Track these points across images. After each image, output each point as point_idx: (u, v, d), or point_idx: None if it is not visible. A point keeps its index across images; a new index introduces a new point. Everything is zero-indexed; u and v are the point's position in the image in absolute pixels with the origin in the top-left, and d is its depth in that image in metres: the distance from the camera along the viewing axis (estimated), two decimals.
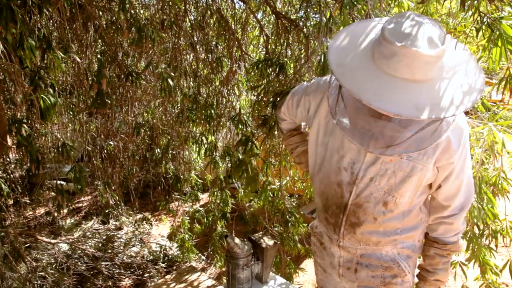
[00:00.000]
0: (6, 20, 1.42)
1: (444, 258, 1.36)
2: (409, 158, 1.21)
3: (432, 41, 0.98)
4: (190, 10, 2.84)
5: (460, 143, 1.20)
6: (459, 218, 1.31)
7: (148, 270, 3.62)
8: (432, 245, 1.38)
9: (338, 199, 1.34)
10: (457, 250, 1.36)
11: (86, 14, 2.13)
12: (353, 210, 1.31)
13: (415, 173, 1.22)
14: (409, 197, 1.27)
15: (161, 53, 2.80)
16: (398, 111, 0.95)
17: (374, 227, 1.32)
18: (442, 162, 1.21)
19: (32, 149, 1.79)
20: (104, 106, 1.86)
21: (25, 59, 1.55)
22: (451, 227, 1.34)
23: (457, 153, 1.19)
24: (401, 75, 0.99)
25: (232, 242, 2.08)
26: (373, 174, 1.26)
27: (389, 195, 1.26)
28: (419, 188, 1.27)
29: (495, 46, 1.35)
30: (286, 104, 1.58)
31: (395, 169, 1.23)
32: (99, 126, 3.40)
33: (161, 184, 3.96)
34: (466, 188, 1.30)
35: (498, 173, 1.88)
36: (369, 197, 1.28)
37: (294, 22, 2.29)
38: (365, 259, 1.38)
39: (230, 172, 2.74)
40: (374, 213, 1.29)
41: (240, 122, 2.50)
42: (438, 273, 1.37)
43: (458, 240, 1.36)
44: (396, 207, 1.28)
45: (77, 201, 5.28)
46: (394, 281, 1.38)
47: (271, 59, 2.24)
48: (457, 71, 1.05)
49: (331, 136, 1.35)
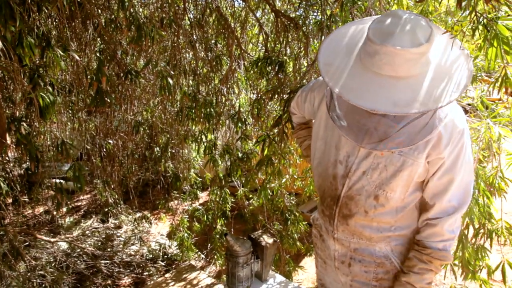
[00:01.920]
0: (5, 18, 1.42)
1: (421, 264, 1.27)
2: (400, 153, 1.23)
3: (415, 38, 1.00)
4: (190, 8, 2.83)
5: (451, 139, 1.19)
6: (445, 222, 1.24)
7: (147, 269, 3.62)
8: (413, 247, 1.32)
9: (333, 191, 1.38)
10: (442, 260, 1.26)
11: (85, 12, 2.13)
12: (345, 202, 1.34)
13: (406, 167, 1.23)
14: (400, 192, 1.28)
15: (161, 51, 2.80)
16: (374, 107, 0.99)
17: (366, 221, 1.33)
18: (432, 157, 1.22)
19: (31, 147, 1.79)
20: (103, 105, 1.86)
21: (24, 57, 1.55)
22: (435, 231, 1.26)
23: (447, 148, 1.19)
24: (385, 72, 1.03)
25: (232, 240, 2.08)
26: (365, 168, 1.29)
27: (380, 188, 1.28)
28: (410, 184, 1.27)
29: (491, 46, 1.35)
30: (296, 100, 1.66)
31: (386, 163, 1.26)
32: (98, 124, 3.40)
33: (160, 183, 3.96)
34: (458, 192, 1.25)
35: (495, 172, 1.89)
36: (361, 190, 1.31)
37: (293, 20, 2.29)
38: (358, 254, 1.40)
39: (229, 170, 2.74)
40: (365, 206, 1.31)
41: (240, 121, 2.51)
42: (410, 276, 1.29)
43: (444, 249, 1.26)
44: (387, 202, 1.29)
45: (76, 200, 5.27)
46: (386, 277, 1.38)
47: (270, 57, 2.24)
48: (445, 66, 1.07)
49: (331, 131, 1.40)
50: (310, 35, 2.24)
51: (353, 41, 1.16)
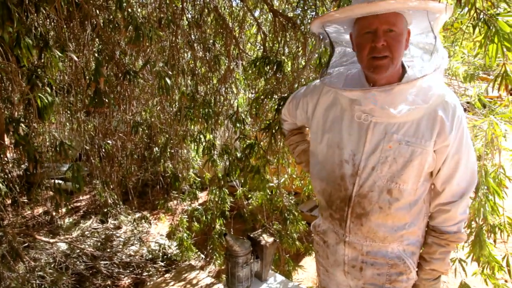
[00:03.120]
0: (3, 19, 1.42)
1: (441, 248, 1.34)
2: (407, 143, 1.25)
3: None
4: (188, 8, 2.83)
5: (453, 125, 1.23)
6: (458, 206, 1.29)
7: (147, 269, 3.62)
8: (430, 234, 1.37)
9: (342, 192, 1.36)
10: (458, 241, 1.33)
11: (83, 12, 2.13)
12: (358, 201, 1.33)
13: (415, 157, 1.25)
14: (413, 183, 1.28)
15: (159, 52, 2.79)
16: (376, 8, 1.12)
17: (382, 218, 1.32)
18: (438, 145, 1.25)
19: (30, 148, 1.79)
20: (102, 105, 1.86)
21: (22, 58, 1.54)
22: (449, 216, 1.31)
23: (451, 134, 1.23)
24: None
25: (231, 240, 2.08)
26: (374, 163, 1.29)
27: (392, 182, 1.28)
28: (421, 174, 1.28)
29: (492, 43, 1.35)
30: (287, 107, 1.67)
31: (395, 155, 1.26)
32: (97, 125, 3.39)
33: (159, 183, 3.96)
34: (465, 174, 1.29)
35: (497, 168, 1.89)
36: (373, 186, 1.30)
37: (291, 20, 2.29)
38: (370, 257, 1.38)
39: (228, 170, 2.74)
40: (379, 202, 1.30)
41: (238, 120, 2.51)
42: (433, 263, 1.36)
43: (458, 230, 1.33)
44: (401, 195, 1.29)
45: (76, 200, 5.27)
46: (399, 279, 1.38)
47: (268, 57, 2.24)
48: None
49: (330, 133, 1.40)
50: (308, 35, 2.24)
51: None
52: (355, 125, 1.32)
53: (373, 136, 1.29)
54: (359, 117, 1.30)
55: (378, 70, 1.21)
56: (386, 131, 1.27)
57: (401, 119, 1.25)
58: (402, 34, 1.19)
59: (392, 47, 1.17)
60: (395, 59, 1.19)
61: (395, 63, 1.21)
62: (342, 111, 1.38)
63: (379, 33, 1.17)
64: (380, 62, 1.19)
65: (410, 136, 1.25)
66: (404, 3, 1.11)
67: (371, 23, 1.18)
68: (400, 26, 1.18)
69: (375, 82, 1.28)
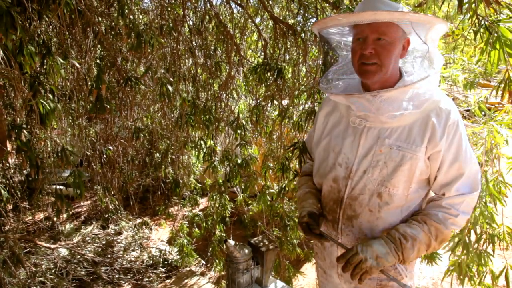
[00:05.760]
0: (6, 26, 1.43)
1: (421, 232, 1.24)
2: (398, 148, 1.27)
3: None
4: (189, 15, 2.85)
5: (445, 131, 1.23)
6: (458, 212, 1.26)
7: (147, 275, 3.61)
8: (418, 214, 1.31)
9: (335, 194, 1.40)
10: (442, 237, 1.26)
11: (86, 20, 2.15)
12: (349, 203, 1.36)
13: (405, 162, 1.26)
14: (403, 188, 1.29)
15: (160, 58, 2.81)
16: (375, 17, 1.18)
17: (371, 221, 1.33)
18: (430, 151, 1.26)
19: (32, 154, 1.80)
20: (103, 111, 1.87)
21: (24, 65, 1.56)
22: (451, 211, 1.27)
23: (442, 140, 1.23)
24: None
25: (232, 246, 2.08)
26: (366, 167, 1.32)
27: (382, 185, 1.30)
28: (412, 179, 1.28)
29: (493, 49, 1.36)
30: (308, 143, 1.71)
31: (386, 159, 1.28)
32: (98, 131, 3.41)
33: (160, 189, 3.96)
34: (467, 181, 1.26)
35: (496, 176, 1.89)
36: (364, 189, 1.32)
37: (291, 27, 2.30)
38: None
39: (229, 176, 2.75)
40: (369, 205, 1.32)
41: (239, 127, 2.51)
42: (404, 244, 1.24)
43: (449, 226, 1.27)
44: (391, 200, 1.30)
45: (77, 206, 5.27)
46: (390, 284, 1.39)
47: (269, 63, 2.26)
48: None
49: (327, 137, 1.45)
50: (308, 42, 2.25)
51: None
52: (350, 130, 1.37)
53: (366, 140, 1.32)
54: (354, 122, 1.35)
55: (366, 75, 1.26)
56: (379, 135, 1.30)
57: (394, 124, 1.27)
58: (393, 43, 1.22)
59: (380, 55, 1.21)
60: (384, 66, 1.23)
61: (385, 70, 1.24)
62: (340, 117, 1.43)
63: (368, 41, 1.22)
64: (367, 68, 1.24)
65: (401, 141, 1.27)
66: (386, 15, 1.17)
67: (363, 31, 1.23)
68: (392, 35, 1.21)
69: (368, 87, 1.32)
